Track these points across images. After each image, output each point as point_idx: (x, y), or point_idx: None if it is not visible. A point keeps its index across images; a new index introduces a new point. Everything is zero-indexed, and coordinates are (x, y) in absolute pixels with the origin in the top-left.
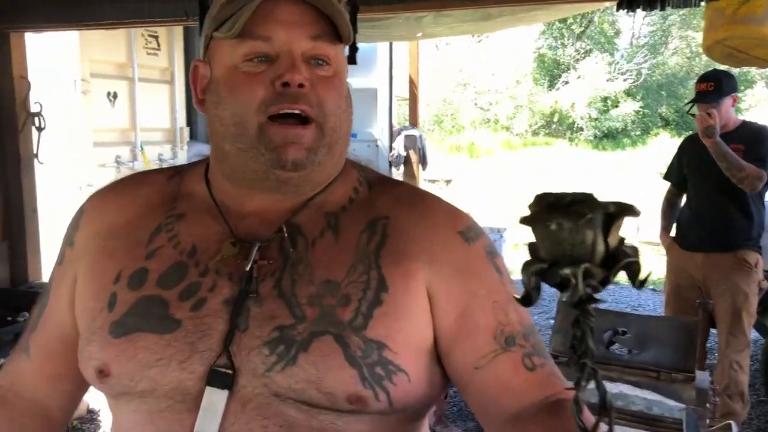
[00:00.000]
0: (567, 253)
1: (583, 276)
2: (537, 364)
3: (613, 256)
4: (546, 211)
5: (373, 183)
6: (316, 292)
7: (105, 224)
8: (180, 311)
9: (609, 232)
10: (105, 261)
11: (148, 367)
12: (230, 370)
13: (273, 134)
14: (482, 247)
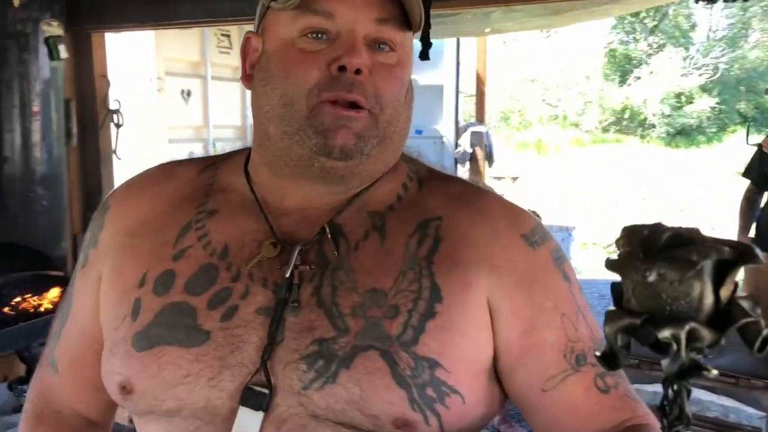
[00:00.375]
0: (666, 308)
1: (688, 339)
2: (611, 386)
3: (724, 312)
4: (641, 254)
5: (423, 179)
6: (360, 302)
7: (131, 220)
8: (209, 321)
9: (723, 282)
10: (130, 261)
11: (173, 385)
12: (266, 388)
13: (324, 115)
14: (549, 252)
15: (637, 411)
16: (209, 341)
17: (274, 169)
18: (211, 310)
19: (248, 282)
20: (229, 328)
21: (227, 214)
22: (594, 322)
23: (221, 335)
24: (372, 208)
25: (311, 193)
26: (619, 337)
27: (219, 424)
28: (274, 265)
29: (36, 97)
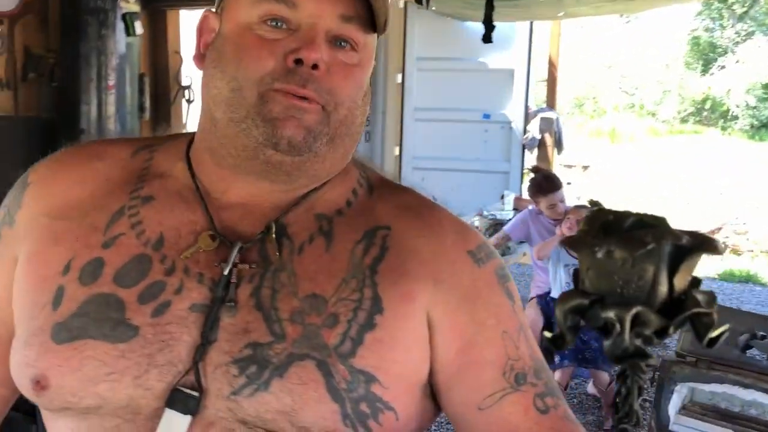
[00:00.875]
0: (617, 290)
1: (633, 323)
2: (550, 406)
3: (678, 301)
4: (596, 233)
5: (374, 186)
6: (300, 308)
7: (56, 201)
8: (138, 316)
9: (678, 270)
10: (52, 245)
11: (95, 381)
12: (196, 391)
13: (275, 103)
14: (494, 269)
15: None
16: (137, 337)
17: (217, 158)
18: (141, 305)
19: (183, 276)
20: (160, 325)
21: (164, 201)
22: (534, 342)
23: (151, 332)
24: (320, 211)
25: (254, 188)
26: (568, 317)
27: (140, 423)
28: (212, 260)
29: (112, 71)
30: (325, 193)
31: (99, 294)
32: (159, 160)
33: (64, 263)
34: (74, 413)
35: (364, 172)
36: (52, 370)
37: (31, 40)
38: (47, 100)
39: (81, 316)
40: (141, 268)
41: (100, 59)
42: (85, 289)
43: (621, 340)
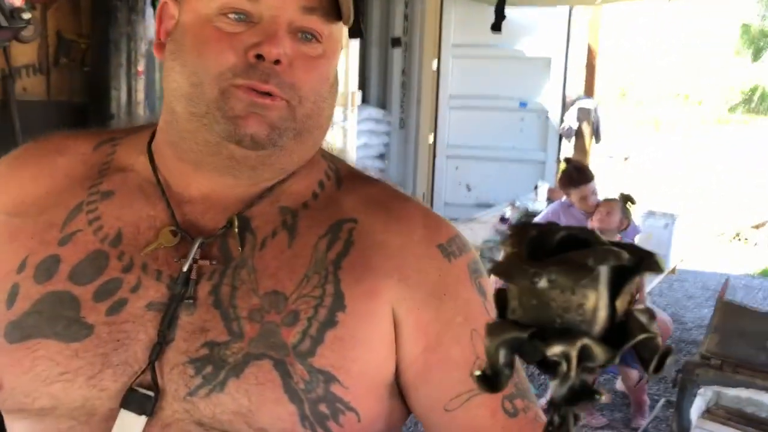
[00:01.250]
0: (556, 319)
1: (580, 358)
2: (519, 409)
3: (620, 327)
4: (530, 257)
5: (343, 178)
6: (259, 306)
7: (12, 198)
8: (93, 314)
9: (620, 292)
10: (8, 243)
11: (48, 382)
12: (152, 391)
13: (236, 100)
14: (466, 264)
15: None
16: (92, 336)
17: (179, 152)
18: (96, 303)
19: (141, 274)
20: (116, 323)
21: (124, 196)
22: None
23: (106, 330)
24: (285, 204)
25: (218, 182)
26: (501, 353)
27: (95, 425)
28: (172, 257)
29: (141, 57)
30: (291, 186)
31: (53, 292)
32: (121, 154)
33: (19, 261)
34: (29, 414)
35: (333, 163)
36: (4, 371)
37: (63, 25)
38: (79, 84)
39: (34, 314)
40: (97, 265)
41: (129, 45)
42: (40, 287)
43: (568, 378)
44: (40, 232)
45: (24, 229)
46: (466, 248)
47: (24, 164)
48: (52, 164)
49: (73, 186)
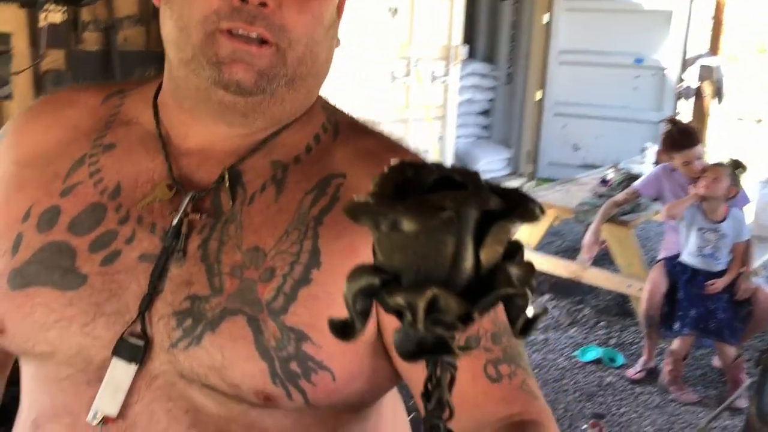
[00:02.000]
0: (413, 267)
1: (430, 308)
2: (504, 374)
3: (486, 279)
4: (387, 196)
5: (340, 130)
6: (241, 261)
7: (24, 150)
8: (88, 264)
9: (484, 240)
10: (16, 193)
11: (45, 328)
12: (141, 340)
13: (220, 46)
14: None
15: (529, 406)
16: (85, 286)
17: (178, 100)
18: (92, 253)
19: (136, 226)
20: (109, 274)
21: (125, 149)
22: None
23: (99, 280)
24: (277, 157)
25: (213, 132)
26: (358, 300)
27: (91, 373)
28: (166, 210)
29: None
30: (285, 138)
31: (53, 242)
32: (128, 106)
33: (24, 210)
34: (33, 358)
35: (333, 116)
36: (6, 315)
37: None
38: None
39: (34, 263)
40: (95, 217)
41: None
42: (41, 237)
43: (415, 331)
44: (45, 183)
45: (31, 180)
46: None
47: (37, 116)
48: (62, 116)
49: (79, 138)
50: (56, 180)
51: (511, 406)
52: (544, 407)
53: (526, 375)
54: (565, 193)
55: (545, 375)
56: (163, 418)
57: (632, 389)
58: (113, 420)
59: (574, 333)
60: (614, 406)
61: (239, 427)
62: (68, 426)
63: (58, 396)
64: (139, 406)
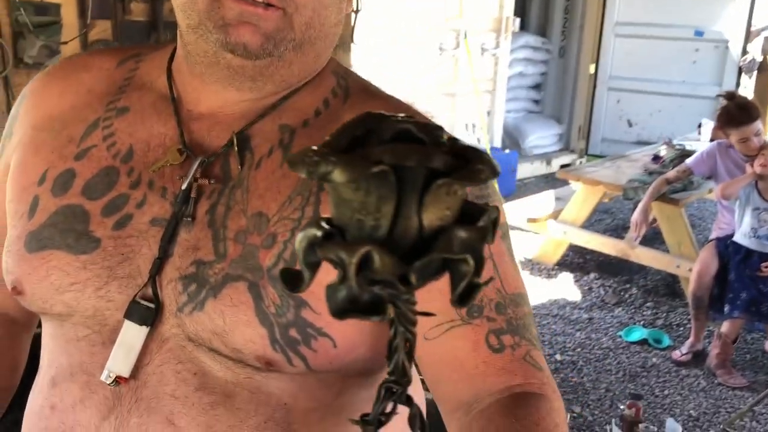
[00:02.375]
0: (356, 222)
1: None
2: (507, 345)
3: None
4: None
5: (351, 94)
6: (245, 227)
7: (41, 113)
8: (101, 228)
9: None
10: (33, 156)
11: (61, 291)
12: (152, 304)
13: (226, 9)
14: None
15: (532, 378)
16: (98, 249)
17: (190, 65)
18: (104, 217)
19: (147, 190)
20: (121, 237)
21: (138, 113)
22: (511, 273)
23: (111, 244)
24: (285, 121)
25: (224, 97)
26: (305, 253)
27: (106, 334)
28: (177, 174)
29: None
30: (295, 102)
31: (67, 205)
32: (143, 71)
33: (40, 174)
34: (51, 318)
35: (344, 79)
36: (24, 278)
37: None
38: None
39: (50, 226)
40: (108, 181)
41: None
42: (56, 200)
43: (348, 288)
44: (60, 147)
45: (47, 143)
46: None
47: (53, 80)
48: (78, 80)
49: (93, 102)
50: (71, 144)
51: (512, 377)
52: (549, 379)
53: (530, 346)
54: (615, 170)
55: (588, 354)
56: (172, 379)
57: (677, 371)
58: (125, 380)
59: (619, 312)
60: (657, 387)
61: (245, 391)
62: (83, 384)
63: (75, 355)
64: (150, 367)
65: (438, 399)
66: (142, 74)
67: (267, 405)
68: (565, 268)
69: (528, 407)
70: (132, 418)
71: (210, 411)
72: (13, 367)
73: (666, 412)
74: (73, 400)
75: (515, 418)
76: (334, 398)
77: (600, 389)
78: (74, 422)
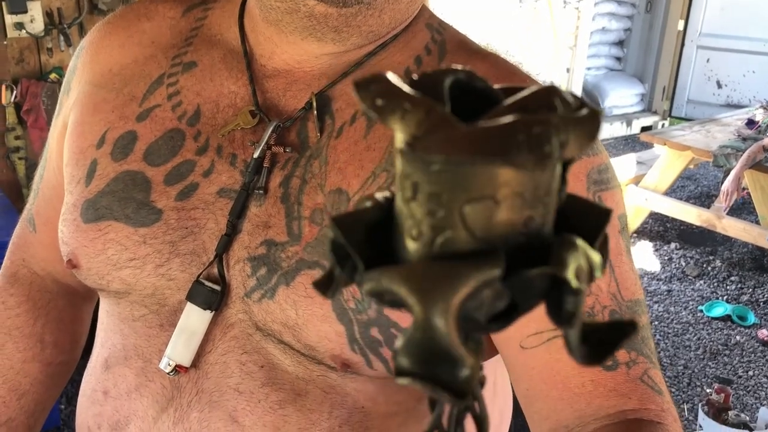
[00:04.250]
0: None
1: None
2: (621, 362)
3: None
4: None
5: (447, 51)
6: (322, 205)
7: (100, 67)
8: (163, 198)
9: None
10: (91, 116)
11: (118, 267)
12: (218, 286)
13: None
14: (585, 169)
15: (649, 403)
16: (159, 222)
17: (264, 12)
18: (167, 186)
19: (215, 157)
20: (185, 209)
21: (206, 68)
22: (630, 276)
23: (174, 216)
24: None
25: (303, 50)
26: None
27: (165, 316)
28: (248, 140)
29: None
30: (383, 60)
31: (128, 171)
32: (213, 20)
33: (99, 135)
34: (108, 295)
35: (439, 34)
36: (80, 250)
37: None
38: None
39: (108, 194)
40: (172, 145)
41: None
42: (116, 165)
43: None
44: (121, 106)
45: (107, 101)
46: (594, 150)
47: (114, 31)
48: (140, 31)
49: (157, 55)
50: (132, 102)
51: (625, 401)
52: (669, 405)
53: (649, 364)
54: (705, 134)
55: (666, 328)
56: (236, 371)
57: (763, 352)
58: (185, 370)
59: (701, 286)
60: (741, 368)
61: (318, 390)
62: (139, 371)
63: (130, 337)
64: (213, 356)
65: (531, 420)
66: (211, 24)
67: (342, 407)
68: (644, 236)
69: None
70: (192, 413)
71: (278, 410)
72: (74, 340)
73: (750, 394)
74: (128, 387)
75: None
76: (417, 403)
77: (678, 366)
78: (129, 411)
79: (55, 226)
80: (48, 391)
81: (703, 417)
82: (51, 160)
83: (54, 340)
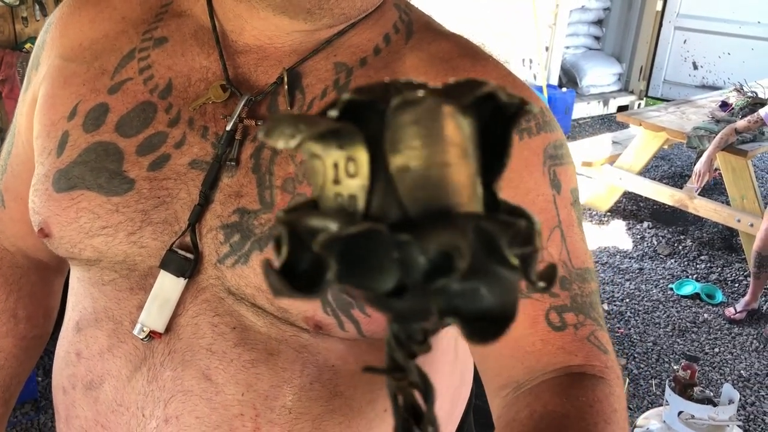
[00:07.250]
0: None
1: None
2: (569, 324)
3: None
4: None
5: (414, 30)
6: (294, 174)
7: (70, 41)
8: (135, 168)
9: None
10: (62, 88)
11: (90, 235)
12: (191, 254)
13: None
14: (543, 145)
15: (594, 359)
16: (132, 191)
17: None
18: (139, 156)
19: (186, 129)
20: (157, 179)
21: (177, 43)
22: (580, 245)
23: (147, 186)
24: (341, 59)
25: (274, 26)
26: None
27: (134, 280)
28: (219, 113)
29: None
30: (352, 38)
31: (99, 142)
32: None
33: (70, 108)
34: (79, 263)
35: (406, 14)
36: (52, 219)
37: None
38: None
39: (80, 164)
40: (144, 117)
41: None
42: (87, 137)
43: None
44: (92, 79)
45: (78, 75)
46: (548, 127)
47: (83, 6)
48: (110, 6)
49: (128, 30)
50: (103, 76)
51: (571, 358)
52: (613, 363)
53: (596, 326)
54: (679, 116)
55: (637, 305)
56: (208, 332)
57: (729, 329)
58: (159, 335)
59: (672, 264)
60: (708, 344)
61: (289, 349)
62: (109, 332)
63: (100, 300)
64: (184, 318)
65: (484, 375)
66: (179, 1)
67: (313, 365)
68: (617, 215)
69: (583, 387)
70: (166, 371)
71: (251, 369)
72: (47, 314)
73: (715, 370)
74: (100, 348)
75: (566, 397)
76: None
77: (647, 342)
78: (103, 371)
79: (25, 201)
80: (22, 365)
81: (669, 393)
82: (20, 134)
83: (27, 315)
